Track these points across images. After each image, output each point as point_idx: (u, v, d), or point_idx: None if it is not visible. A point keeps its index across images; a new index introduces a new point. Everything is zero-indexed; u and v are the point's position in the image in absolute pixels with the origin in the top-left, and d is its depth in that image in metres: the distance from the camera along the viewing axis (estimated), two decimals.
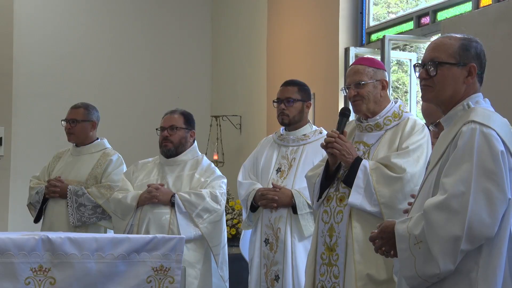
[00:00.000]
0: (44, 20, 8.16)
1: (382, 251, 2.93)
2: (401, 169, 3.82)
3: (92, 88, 8.17)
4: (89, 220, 5.38)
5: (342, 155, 3.90)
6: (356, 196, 3.83)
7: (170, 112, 5.25)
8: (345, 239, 3.86)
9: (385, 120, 4.03)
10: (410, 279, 2.78)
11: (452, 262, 2.67)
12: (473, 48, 2.91)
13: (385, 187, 3.82)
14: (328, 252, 3.93)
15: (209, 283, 5.04)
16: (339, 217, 3.90)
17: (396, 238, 2.80)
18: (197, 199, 4.99)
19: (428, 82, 2.92)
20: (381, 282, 3.79)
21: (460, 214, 2.65)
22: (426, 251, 2.70)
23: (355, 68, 4.07)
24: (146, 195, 5.01)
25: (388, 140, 3.99)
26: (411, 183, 3.81)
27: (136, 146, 8.01)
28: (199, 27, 8.91)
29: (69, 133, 5.60)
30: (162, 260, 3.92)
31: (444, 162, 2.79)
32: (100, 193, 5.39)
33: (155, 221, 4.96)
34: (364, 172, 3.84)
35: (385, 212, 3.80)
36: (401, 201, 3.80)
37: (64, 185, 5.42)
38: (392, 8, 7.49)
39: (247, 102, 8.24)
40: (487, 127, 2.74)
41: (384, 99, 4.06)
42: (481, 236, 2.66)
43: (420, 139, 3.92)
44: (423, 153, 3.89)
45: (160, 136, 5.22)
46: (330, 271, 3.90)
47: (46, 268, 3.68)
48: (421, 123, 4.00)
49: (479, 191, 2.66)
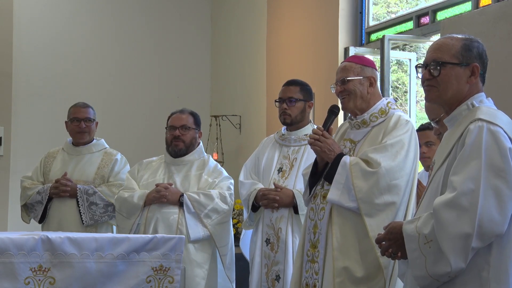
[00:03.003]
0: (44, 20, 8.16)
1: (389, 253, 2.92)
2: (377, 163, 3.80)
3: (91, 88, 8.17)
4: (101, 218, 5.39)
5: (323, 152, 3.91)
6: (334, 192, 3.83)
7: (179, 112, 5.22)
8: (325, 236, 3.87)
9: (371, 117, 4.02)
10: (420, 279, 2.77)
11: (463, 260, 2.67)
12: (475, 48, 2.92)
13: (362, 181, 3.80)
14: (312, 249, 3.95)
15: (215, 283, 5.04)
16: (322, 214, 3.91)
17: (405, 238, 2.80)
18: (206, 200, 4.99)
19: (431, 82, 2.93)
20: (359, 279, 3.78)
21: (470, 212, 2.65)
22: (436, 250, 2.70)
23: (342, 65, 4.12)
24: (154, 195, 4.99)
25: (372, 136, 3.98)
26: (387, 177, 3.79)
27: (136, 145, 8.02)
28: (199, 27, 8.91)
29: (83, 132, 5.59)
30: (161, 260, 3.92)
31: (452, 160, 2.79)
32: (112, 191, 5.40)
33: (163, 221, 4.95)
34: (344, 167, 3.84)
35: (362, 207, 3.78)
36: (377, 196, 3.78)
37: (73, 184, 5.43)
38: (392, 8, 7.50)
39: (247, 102, 8.24)
40: (494, 124, 2.75)
41: (372, 96, 4.05)
42: (491, 233, 2.67)
43: (400, 134, 3.89)
44: (403, 148, 3.86)
45: (170, 135, 5.17)
46: (313, 267, 3.92)
47: (45, 268, 3.68)
48: (405, 118, 3.97)
49: (488, 188, 2.67)
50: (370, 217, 3.76)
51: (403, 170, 3.83)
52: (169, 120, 5.22)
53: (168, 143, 5.20)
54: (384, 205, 3.78)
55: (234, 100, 8.48)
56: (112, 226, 5.48)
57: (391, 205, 3.79)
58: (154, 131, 7.91)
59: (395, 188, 3.80)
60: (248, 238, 5.04)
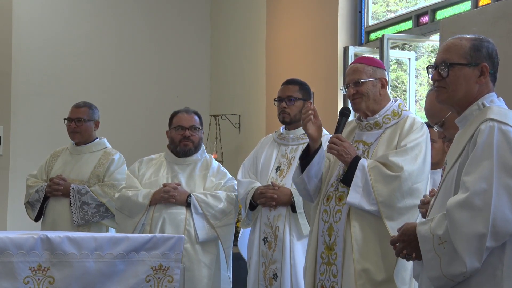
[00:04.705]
0: (43, 19, 8.15)
1: (404, 254, 2.92)
2: (399, 167, 3.83)
3: (90, 87, 8.16)
4: (92, 218, 5.37)
5: (340, 155, 3.91)
6: (354, 195, 3.84)
7: (184, 112, 5.18)
8: (343, 238, 3.87)
9: (384, 118, 4.03)
10: (436, 280, 2.77)
11: (478, 260, 2.67)
12: (484, 48, 2.92)
13: (383, 185, 3.82)
14: (327, 251, 3.93)
15: (219, 284, 5.04)
16: (338, 216, 3.91)
17: (419, 239, 2.80)
18: (214, 201, 4.99)
19: (441, 84, 2.93)
20: (380, 282, 3.79)
21: (484, 211, 2.66)
22: (451, 251, 2.70)
23: (354, 66, 4.09)
24: (163, 195, 4.96)
25: (387, 138, 3.99)
26: (409, 181, 3.82)
27: (135, 145, 8.01)
28: (198, 26, 8.90)
29: (74, 132, 5.59)
30: (161, 259, 3.92)
31: (463, 161, 2.80)
32: (104, 191, 5.39)
33: (170, 221, 4.94)
34: (362, 171, 3.85)
35: (383, 210, 3.80)
36: (399, 200, 3.81)
37: (67, 183, 5.42)
38: (391, 7, 7.50)
39: (246, 101, 8.23)
40: (505, 124, 2.76)
41: (383, 97, 4.07)
42: (505, 233, 2.67)
43: (418, 137, 3.92)
44: (421, 151, 3.89)
45: (179, 135, 5.12)
46: (329, 270, 3.91)
47: (45, 267, 3.68)
48: (420, 121, 4.00)
49: (501, 188, 2.67)
50: (392, 221, 3.78)
51: (423, 173, 3.87)
52: (175, 120, 5.17)
53: (176, 142, 5.15)
54: (406, 208, 3.81)
55: (233, 99, 8.48)
56: (104, 227, 5.45)
57: (413, 208, 3.80)
58: (154, 130, 7.91)
59: (416, 191, 3.82)
60: (246, 237, 5.04)
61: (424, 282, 2.91)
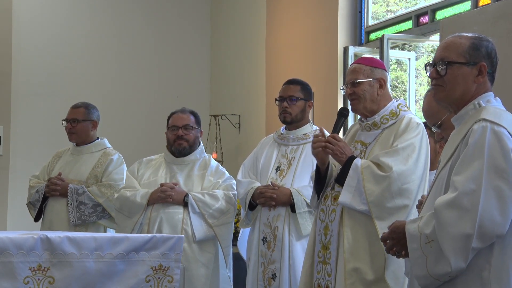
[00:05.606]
0: (43, 19, 8.15)
1: (394, 252, 2.92)
2: (389, 167, 3.82)
3: (90, 88, 8.17)
4: (89, 218, 5.37)
5: (335, 154, 3.92)
6: (346, 195, 3.84)
7: (180, 111, 5.21)
8: (337, 238, 3.88)
9: (382, 119, 4.03)
10: (421, 279, 2.77)
11: (463, 260, 2.66)
12: (483, 47, 2.91)
13: (373, 185, 3.82)
14: (323, 250, 3.95)
15: (217, 284, 5.04)
16: (333, 216, 3.93)
17: (407, 237, 2.80)
18: (211, 200, 4.99)
19: (438, 82, 2.92)
20: (371, 281, 3.79)
21: (471, 212, 2.64)
22: (437, 250, 2.70)
23: (352, 67, 4.12)
24: (160, 194, 4.97)
25: (384, 139, 3.99)
26: (398, 181, 3.81)
27: (135, 145, 8.01)
28: (198, 26, 8.90)
29: (70, 133, 5.60)
30: (161, 259, 3.92)
31: (455, 160, 2.79)
32: (101, 191, 5.39)
33: (167, 220, 4.94)
34: (356, 171, 3.85)
35: (373, 210, 3.80)
36: (388, 200, 3.80)
37: (65, 183, 5.42)
38: (391, 7, 7.50)
39: (246, 101, 8.24)
40: (498, 125, 2.74)
41: (382, 97, 4.06)
42: (492, 234, 2.66)
43: (412, 137, 3.90)
44: (414, 151, 3.87)
45: (173, 135, 5.15)
46: (325, 269, 3.93)
47: (45, 267, 3.68)
48: (416, 121, 3.98)
49: (490, 189, 2.66)
50: (381, 220, 3.78)
51: (414, 174, 3.84)
52: (170, 120, 5.21)
53: (171, 142, 5.18)
54: (395, 208, 3.80)
55: (233, 99, 8.48)
56: (102, 227, 5.44)
57: (402, 208, 3.80)
58: (154, 130, 7.91)
59: (406, 192, 3.82)
60: (246, 237, 5.04)
61: (414, 279, 2.91)
